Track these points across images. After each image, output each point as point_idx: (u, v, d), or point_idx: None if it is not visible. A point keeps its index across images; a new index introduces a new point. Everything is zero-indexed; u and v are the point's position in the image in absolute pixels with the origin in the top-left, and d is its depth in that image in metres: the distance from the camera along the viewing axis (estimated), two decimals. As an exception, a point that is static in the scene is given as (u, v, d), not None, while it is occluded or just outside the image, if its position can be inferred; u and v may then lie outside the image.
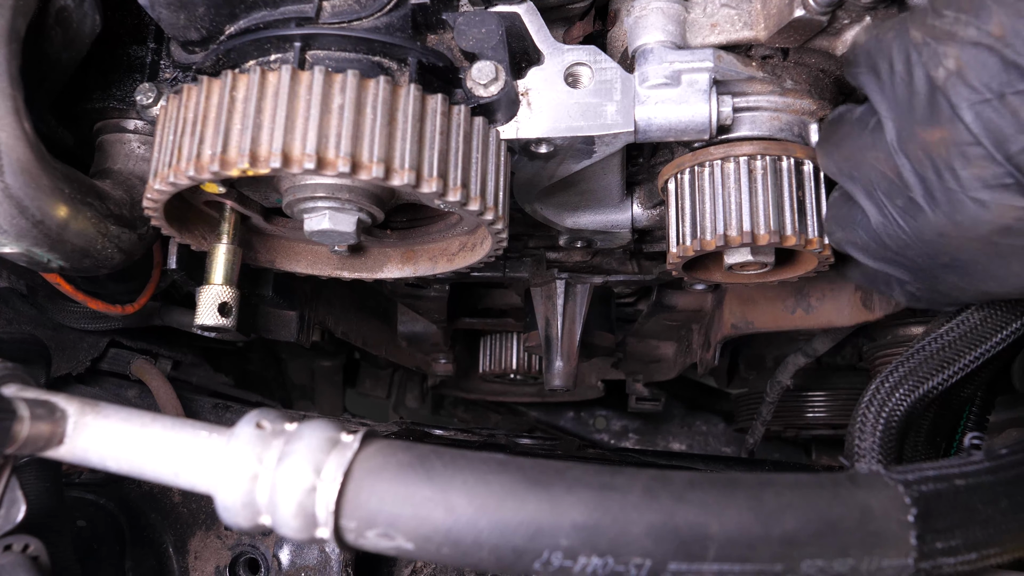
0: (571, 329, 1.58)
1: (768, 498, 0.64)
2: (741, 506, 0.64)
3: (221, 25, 1.00)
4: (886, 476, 0.68)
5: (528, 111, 1.03)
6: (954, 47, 0.73)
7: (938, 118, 0.75)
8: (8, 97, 0.87)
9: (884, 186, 0.85)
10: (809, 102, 1.10)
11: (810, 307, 1.43)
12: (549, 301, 1.58)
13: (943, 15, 0.76)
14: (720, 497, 0.64)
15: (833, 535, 0.63)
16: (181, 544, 1.25)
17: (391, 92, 0.90)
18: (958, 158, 0.74)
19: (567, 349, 1.58)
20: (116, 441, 0.69)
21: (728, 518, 0.63)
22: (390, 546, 0.63)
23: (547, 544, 0.62)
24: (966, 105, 0.72)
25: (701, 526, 0.62)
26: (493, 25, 1.01)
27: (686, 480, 0.65)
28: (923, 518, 0.65)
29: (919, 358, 1.01)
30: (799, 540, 0.63)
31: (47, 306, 1.40)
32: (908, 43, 0.79)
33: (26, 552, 0.85)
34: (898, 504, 0.65)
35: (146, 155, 1.15)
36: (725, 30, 1.06)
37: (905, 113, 0.80)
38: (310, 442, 0.64)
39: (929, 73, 0.76)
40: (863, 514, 0.65)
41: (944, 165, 0.76)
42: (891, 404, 0.99)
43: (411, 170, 0.88)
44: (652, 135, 1.04)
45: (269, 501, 0.63)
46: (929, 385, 1.00)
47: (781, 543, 0.63)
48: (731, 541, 0.62)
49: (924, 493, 0.66)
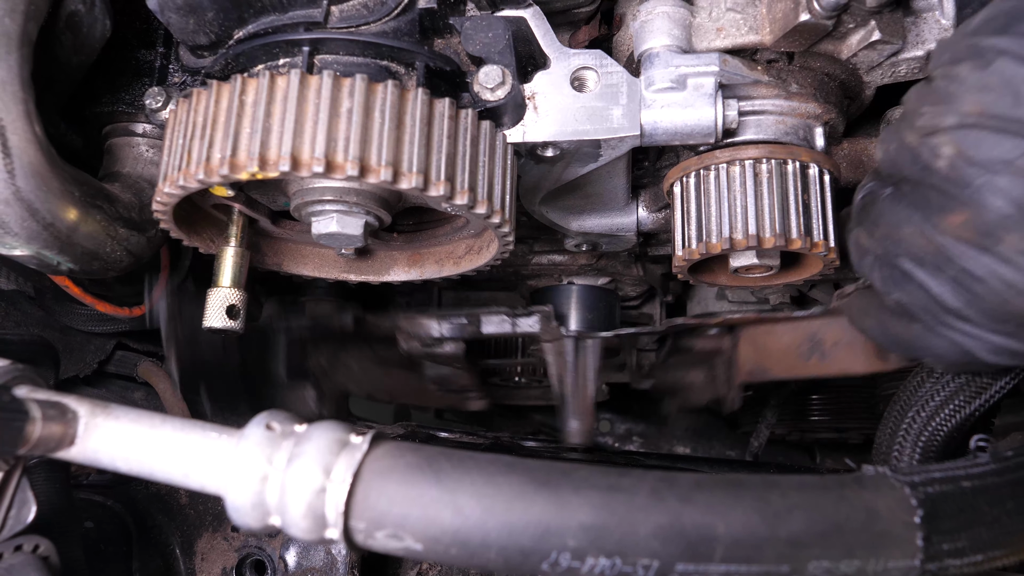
0: (583, 386, 1.52)
1: (774, 499, 0.65)
2: (747, 507, 0.64)
3: (230, 30, 1.01)
4: (892, 478, 0.68)
5: (534, 115, 1.04)
6: (945, 135, 0.74)
7: (957, 202, 0.74)
8: (20, 101, 0.88)
9: (932, 258, 0.83)
10: (814, 106, 1.10)
11: (825, 355, 1.39)
12: (559, 358, 1.52)
13: (922, 113, 0.76)
14: (726, 498, 0.64)
15: (839, 536, 0.63)
16: (188, 545, 1.25)
17: (399, 96, 0.90)
18: (988, 235, 0.73)
19: (581, 406, 1.52)
20: (127, 442, 0.70)
21: (735, 519, 0.63)
22: (399, 547, 0.63)
23: (555, 545, 0.62)
24: (979, 182, 0.72)
25: (708, 527, 0.63)
26: (500, 29, 1.02)
27: (692, 482, 0.66)
28: (929, 519, 0.65)
29: (958, 383, 1.01)
30: (805, 541, 0.63)
31: (54, 308, 1.41)
32: (906, 147, 0.79)
33: (36, 552, 0.86)
34: (904, 506, 0.66)
35: (154, 158, 1.16)
36: (731, 34, 1.07)
37: (928, 207, 0.79)
38: (320, 443, 0.64)
39: (933, 166, 0.76)
40: (869, 515, 0.65)
41: (978, 244, 0.74)
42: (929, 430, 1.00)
43: (419, 173, 0.89)
44: (658, 139, 1.04)
45: (279, 502, 0.63)
46: (970, 410, 1.00)
47: (787, 544, 0.63)
48: (738, 542, 0.63)
49: (930, 495, 0.67)
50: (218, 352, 1.42)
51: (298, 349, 1.37)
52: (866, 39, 1.04)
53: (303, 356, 1.33)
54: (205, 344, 1.37)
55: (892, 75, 1.11)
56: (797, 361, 1.40)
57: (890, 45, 1.05)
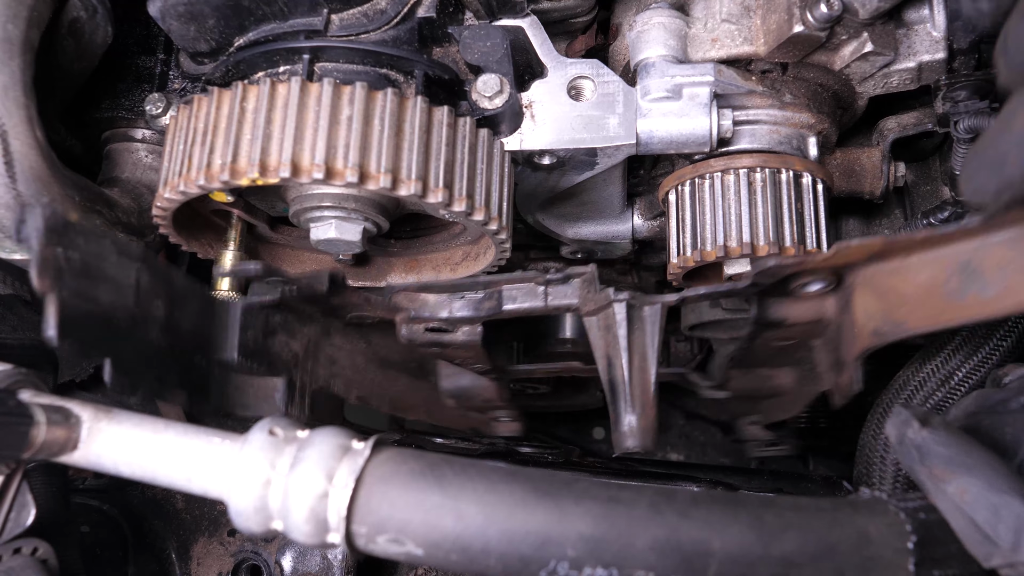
0: (642, 368, 1.07)
1: (769, 518, 0.65)
2: (743, 525, 0.65)
3: (231, 37, 1.01)
4: (889, 503, 0.68)
5: (532, 123, 1.05)
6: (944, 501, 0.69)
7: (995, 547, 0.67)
8: (22, 107, 0.88)
9: None
10: (808, 116, 1.12)
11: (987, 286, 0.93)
12: (608, 333, 1.09)
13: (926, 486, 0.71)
14: (723, 515, 0.65)
15: (830, 558, 0.64)
16: (184, 550, 1.25)
17: (398, 104, 0.91)
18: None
19: (639, 396, 1.06)
20: (129, 446, 0.70)
21: (730, 536, 0.64)
22: (400, 551, 0.64)
23: (554, 554, 0.63)
24: None
25: (704, 542, 0.63)
26: (498, 39, 1.03)
27: (690, 497, 0.67)
28: (923, 546, 0.66)
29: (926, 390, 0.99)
30: (798, 561, 0.64)
31: (51, 313, 1.40)
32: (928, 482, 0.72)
33: (35, 555, 0.86)
34: (898, 531, 0.66)
35: (153, 164, 1.17)
36: (726, 45, 1.08)
37: None
38: (322, 448, 0.65)
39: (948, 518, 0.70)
40: (860, 539, 0.66)
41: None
42: None
43: (418, 180, 0.90)
44: (653, 147, 1.05)
45: (281, 506, 0.64)
46: None
47: (780, 563, 0.64)
48: (732, 559, 0.63)
49: (924, 521, 0.67)
50: (129, 306, 0.76)
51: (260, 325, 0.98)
52: (859, 51, 1.06)
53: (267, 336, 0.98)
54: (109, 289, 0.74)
55: (884, 86, 1.13)
56: (946, 303, 0.97)
57: (882, 56, 1.07)
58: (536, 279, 1.05)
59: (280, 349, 1.03)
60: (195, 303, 0.87)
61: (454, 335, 1.18)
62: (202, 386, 0.91)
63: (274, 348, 1.02)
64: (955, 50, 1.08)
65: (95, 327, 0.69)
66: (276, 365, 1.02)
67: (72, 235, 0.70)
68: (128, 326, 0.74)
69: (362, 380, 1.29)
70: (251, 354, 0.96)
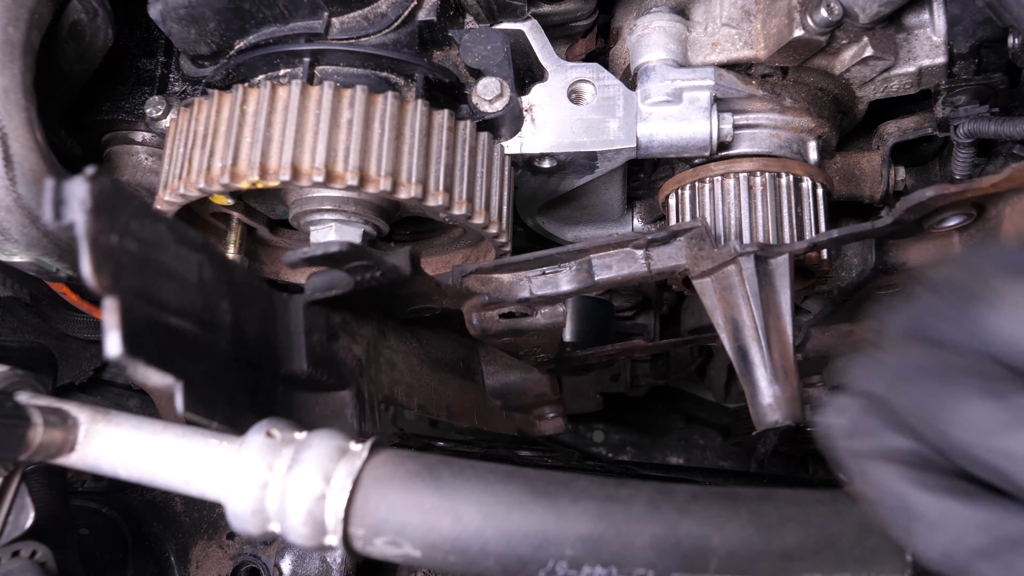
0: (779, 329, 0.93)
1: (769, 512, 0.65)
2: (743, 520, 0.64)
3: (231, 40, 1.02)
4: None
5: (532, 127, 1.05)
6: None
7: None
8: (22, 109, 0.89)
9: None
10: (808, 120, 1.12)
11: None
12: (729, 294, 0.95)
13: None
14: (722, 511, 0.65)
15: (831, 550, 0.64)
16: (183, 553, 1.25)
17: (399, 107, 0.91)
18: None
19: (779, 360, 0.92)
20: (127, 449, 0.70)
21: (730, 531, 0.64)
22: (398, 554, 0.64)
23: (552, 554, 0.63)
24: None
25: (703, 539, 0.63)
26: (498, 42, 1.03)
27: (689, 493, 0.66)
28: None
29: None
30: (799, 554, 0.64)
31: (50, 315, 1.41)
32: None
33: (34, 558, 0.86)
34: None
35: (153, 167, 1.17)
36: (726, 49, 1.08)
37: None
38: (320, 450, 0.65)
39: None
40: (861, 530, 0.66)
41: None
42: None
43: (418, 184, 0.90)
44: (654, 151, 1.05)
45: (279, 508, 0.64)
46: None
47: (781, 557, 0.63)
48: (732, 554, 0.63)
49: None
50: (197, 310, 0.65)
51: (323, 326, 0.83)
52: (859, 55, 1.06)
53: (331, 340, 0.83)
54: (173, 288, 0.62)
55: (884, 90, 1.13)
56: None
57: (882, 61, 1.07)
58: (634, 241, 0.93)
59: (344, 355, 0.89)
60: (258, 303, 0.74)
61: (534, 319, 1.02)
62: (269, 406, 0.78)
63: (339, 354, 0.88)
64: (955, 54, 1.08)
65: (164, 338, 0.55)
66: (343, 374, 0.88)
67: (125, 216, 0.55)
68: (198, 336, 0.61)
69: (420, 385, 1.12)
70: (320, 362, 0.83)
